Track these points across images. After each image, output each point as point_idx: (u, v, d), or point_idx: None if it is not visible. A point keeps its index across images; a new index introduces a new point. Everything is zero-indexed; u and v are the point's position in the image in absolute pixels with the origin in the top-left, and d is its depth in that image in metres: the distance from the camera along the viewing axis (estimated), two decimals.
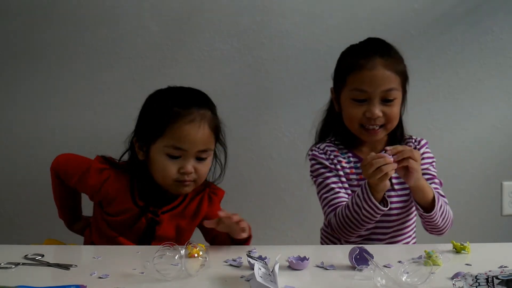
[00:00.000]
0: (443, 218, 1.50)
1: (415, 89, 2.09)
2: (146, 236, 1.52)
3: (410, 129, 1.71)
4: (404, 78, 1.57)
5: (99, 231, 1.55)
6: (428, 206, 1.47)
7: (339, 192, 1.55)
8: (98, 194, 1.52)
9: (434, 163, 1.62)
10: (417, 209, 1.51)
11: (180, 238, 1.54)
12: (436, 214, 1.47)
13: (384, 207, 1.43)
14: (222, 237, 1.45)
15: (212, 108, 1.55)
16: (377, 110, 1.51)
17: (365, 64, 1.51)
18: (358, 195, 1.44)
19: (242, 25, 2.10)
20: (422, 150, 1.61)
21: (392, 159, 1.37)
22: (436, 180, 1.60)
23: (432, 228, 1.53)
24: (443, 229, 1.53)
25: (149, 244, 1.51)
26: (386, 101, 1.52)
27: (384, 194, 1.44)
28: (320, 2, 2.10)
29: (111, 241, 1.51)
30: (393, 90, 1.52)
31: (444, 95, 2.16)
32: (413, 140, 1.64)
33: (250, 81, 2.13)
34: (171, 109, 1.47)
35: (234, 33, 2.11)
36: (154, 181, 1.51)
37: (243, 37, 2.11)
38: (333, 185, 1.56)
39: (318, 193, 1.60)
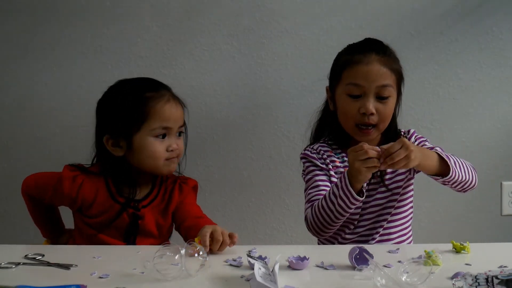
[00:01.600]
0: (465, 170, 1.47)
1: (415, 89, 2.11)
2: (130, 232, 1.54)
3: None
4: (399, 77, 1.57)
5: (82, 234, 1.56)
6: (442, 170, 1.44)
7: (324, 190, 1.55)
8: (76, 201, 1.52)
9: (428, 140, 1.63)
10: (436, 180, 1.47)
11: (161, 233, 1.57)
12: (455, 171, 1.44)
13: (360, 196, 1.42)
14: (189, 232, 1.49)
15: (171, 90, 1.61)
16: (371, 106, 1.51)
17: (361, 59, 1.52)
18: (336, 184, 1.44)
19: (242, 25, 2.10)
20: (413, 138, 1.62)
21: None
22: (437, 148, 1.55)
23: (464, 185, 1.50)
24: (472, 180, 1.50)
25: (134, 239, 1.54)
26: (380, 98, 1.52)
27: (362, 186, 1.43)
28: (320, 2, 2.10)
29: (92, 240, 1.52)
30: (388, 87, 1.52)
31: (444, 95, 2.16)
32: (402, 133, 1.65)
33: (250, 81, 2.13)
34: (144, 95, 1.51)
35: (234, 33, 2.11)
36: (130, 176, 1.54)
37: (243, 37, 2.11)
38: (320, 183, 1.56)
39: (305, 190, 1.61)
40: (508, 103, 2.19)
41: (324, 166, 1.59)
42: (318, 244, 1.70)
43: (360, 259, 1.20)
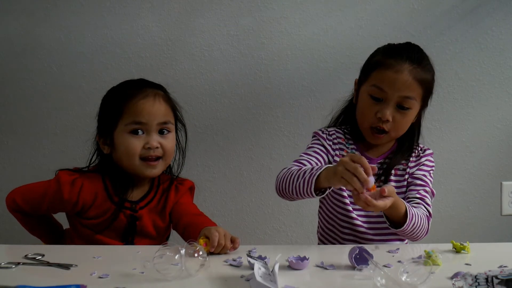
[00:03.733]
0: (412, 233, 1.43)
1: None
2: (128, 232, 1.53)
3: None
4: (427, 91, 1.54)
5: (79, 236, 1.55)
6: (399, 221, 1.40)
7: (313, 161, 1.53)
8: (76, 206, 1.50)
9: (432, 172, 1.60)
10: (386, 222, 1.44)
11: (158, 234, 1.57)
12: (405, 230, 1.41)
13: (317, 195, 1.38)
14: (187, 229, 1.48)
15: (165, 90, 1.58)
16: (388, 113, 1.50)
17: (393, 65, 1.50)
18: (313, 167, 1.40)
19: (242, 25, 2.11)
20: (424, 158, 1.60)
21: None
22: (428, 189, 1.56)
23: (402, 235, 1.49)
24: (413, 239, 1.48)
25: (133, 240, 1.54)
26: (400, 107, 1.51)
27: (326, 189, 1.37)
28: (320, 2, 2.10)
29: (90, 241, 1.51)
30: (410, 99, 1.51)
31: (444, 95, 2.16)
32: (419, 148, 1.63)
33: (250, 81, 2.13)
34: (125, 92, 1.52)
35: (234, 33, 2.11)
36: (125, 176, 1.53)
37: (243, 37, 2.11)
38: (313, 154, 1.53)
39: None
40: (508, 103, 2.19)
41: (329, 148, 1.58)
42: (318, 244, 1.70)
43: (360, 259, 1.20)
